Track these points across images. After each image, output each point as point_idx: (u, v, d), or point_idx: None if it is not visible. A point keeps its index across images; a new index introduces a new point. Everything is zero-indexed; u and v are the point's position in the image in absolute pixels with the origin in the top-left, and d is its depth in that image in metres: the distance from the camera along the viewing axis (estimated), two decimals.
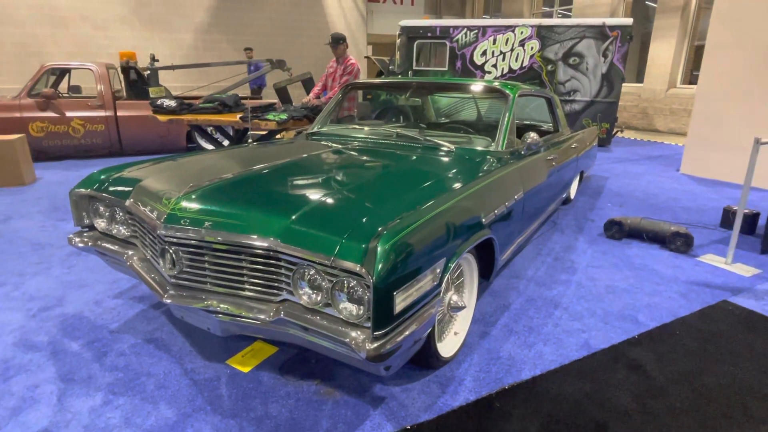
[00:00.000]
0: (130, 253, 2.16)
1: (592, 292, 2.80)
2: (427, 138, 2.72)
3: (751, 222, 3.77)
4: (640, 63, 11.26)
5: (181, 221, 1.73)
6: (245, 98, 6.73)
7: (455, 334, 2.21)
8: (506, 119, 2.75)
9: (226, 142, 6.43)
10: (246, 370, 2.04)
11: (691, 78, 10.07)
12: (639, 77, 11.23)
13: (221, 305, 1.71)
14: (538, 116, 4.74)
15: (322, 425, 1.74)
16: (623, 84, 7.95)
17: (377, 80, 3.62)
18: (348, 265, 1.45)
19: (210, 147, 7.20)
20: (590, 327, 2.42)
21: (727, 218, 3.90)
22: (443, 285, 1.75)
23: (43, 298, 2.66)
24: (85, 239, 2.31)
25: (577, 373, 2.06)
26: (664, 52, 9.92)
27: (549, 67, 7.89)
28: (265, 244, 1.60)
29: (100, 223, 2.32)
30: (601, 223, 4.00)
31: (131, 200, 2.07)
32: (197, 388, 1.93)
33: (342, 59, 5.18)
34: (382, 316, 1.46)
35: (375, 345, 1.44)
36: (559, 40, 7.73)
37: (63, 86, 7.25)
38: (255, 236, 1.62)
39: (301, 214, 1.66)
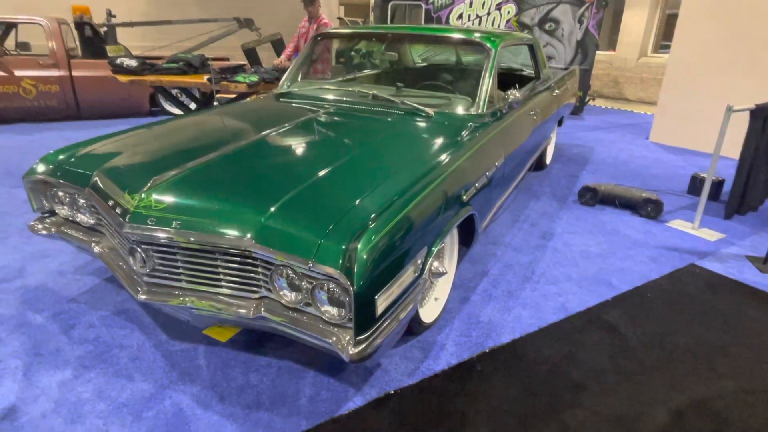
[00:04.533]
0: (98, 240, 2.01)
1: (567, 257, 2.85)
2: (405, 102, 2.63)
3: (716, 189, 3.89)
4: (612, 31, 11.29)
5: (148, 220, 1.59)
6: (212, 59, 6.39)
7: (435, 299, 2.21)
8: (487, 77, 2.65)
9: (192, 105, 6.14)
10: (224, 339, 1.99)
11: (661, 47, 10.18)
12: (611, 45, 11.28)
13: (198, 302, 1.63)
14: (518, 60, 4.69)
15: (305, 393, 1.72)
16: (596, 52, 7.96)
17: (350, 30, 3.40)
18: (328, 270, 1.37)
19: (176, 111, 6.86)
20: (566, 291, 2.47)
21: (695, 185, 4.02)
22: (425, 273, 1.72)
23: (1, 269, 2.51)
24: (48, 226, 2.13)
25: (555, 336, 2.10)
26: (636, 19, 9.95)
27: (525, 33, 7.79)
28: (239, 245, 1.50)
29: (62, 210, 2.14)
30: (575, 190, 4.06)
31: (91, 190, 1.90)
32: (173, 359, 1.88)
33: (315, 19, 4.94)
34: (364, 320, 1.43)
35: (358, 349, 1.42)
36: (535, 5, 7.61)
37: (10, 43, 6.69)
38: (227, 236, 1.52)
39: (276, 210, 1.55)
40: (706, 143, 5.49)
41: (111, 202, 1.76)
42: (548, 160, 4.71)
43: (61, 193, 2.10)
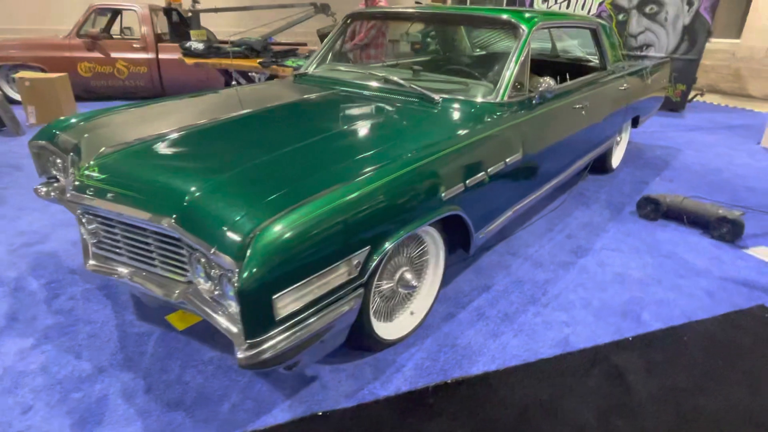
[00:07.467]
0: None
1: (595, 279, 2.41)
2: (413, 86, 2.37)
3: None
4: (741, 15, 9.62)
5: (87, 190, 1.61)
6: (277, 44, 6.51)
7: (411, 314, 1.97)
8: (513, 61, 2.30)
9: None
10: (181, 328, 1.95)
11: None
12: (738, 32, 9.62)
13: (135, 278, 1.62)
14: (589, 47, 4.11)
15: (230, 398, 1.61)
16: (714, 40, 6.79)
17: (379, 10, 3.17)
18: (226, 260, 1.23)
19: None
20: (577, 321, 2.08)
21: None
22: (369, 276, 1.51)
23: (30, 234, 2.73)
24: (50, 191, 2.24)
25: (541, 375, 1.76)
26: None
27: (620, 17, 6.89)
28: (160, 224, 1.44)
29: (60, 177, 2.23)
30: (638, 199, 3.47)
31: (69, 158, 1.96)
32: (126, 341, 1.87)
33: (371, 0, 4.77)
34: (255, 322, 1.26)
35: (248, 354, 1.26)
36: None
37: (116, 28, 7.40)
38: (151, 214, 1.46)
39: (202, 191, 1.44)
40: None
41: (71, 170, 1.79)
42: (615, 163, 4.10)
43: (58, 160, 2.19)
